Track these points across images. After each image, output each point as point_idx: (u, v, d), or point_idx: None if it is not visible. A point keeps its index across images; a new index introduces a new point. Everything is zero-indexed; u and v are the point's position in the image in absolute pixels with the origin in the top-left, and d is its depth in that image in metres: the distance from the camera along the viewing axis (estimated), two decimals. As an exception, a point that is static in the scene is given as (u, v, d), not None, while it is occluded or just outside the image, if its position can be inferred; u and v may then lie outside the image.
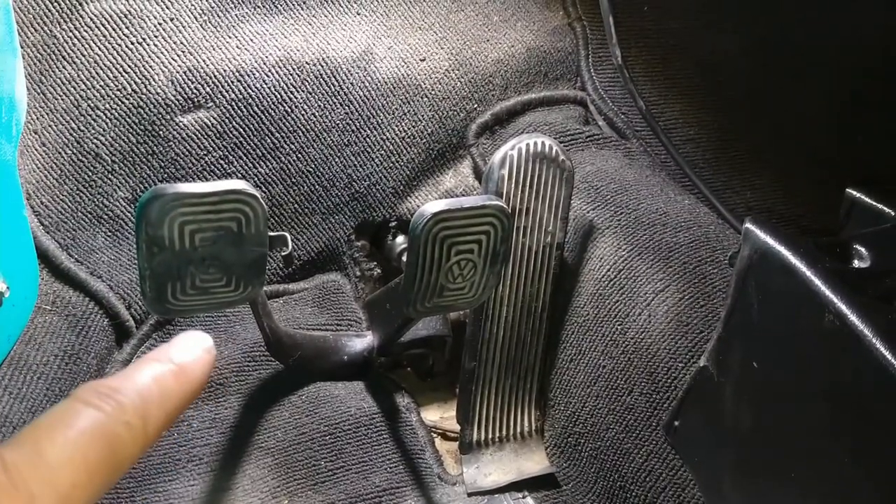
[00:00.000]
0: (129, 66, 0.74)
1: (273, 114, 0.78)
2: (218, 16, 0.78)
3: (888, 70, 0.93)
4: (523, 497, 0.73)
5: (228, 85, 0.77)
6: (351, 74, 0.82)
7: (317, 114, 0.80)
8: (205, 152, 0.77)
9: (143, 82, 0.74)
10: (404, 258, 0.81)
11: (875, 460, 0.46)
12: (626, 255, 0.71)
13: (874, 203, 0.75)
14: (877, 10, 0.93)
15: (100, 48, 0.73)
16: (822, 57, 0.96)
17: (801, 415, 0.51)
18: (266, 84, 0.78)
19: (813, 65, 0.96)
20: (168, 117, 0.75)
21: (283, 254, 0.57)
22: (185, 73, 0.75)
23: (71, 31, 0.72)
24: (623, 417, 0.67)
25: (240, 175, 0.78)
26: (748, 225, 0.54)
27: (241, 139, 0.78)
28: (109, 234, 0.74)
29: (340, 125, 0.81)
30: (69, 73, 0.72)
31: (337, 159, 0.81)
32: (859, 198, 0.76)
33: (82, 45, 0.73)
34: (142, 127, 0.74)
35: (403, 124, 0.84)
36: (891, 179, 0.82)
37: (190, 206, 0.49)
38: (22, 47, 0.70)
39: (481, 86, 0.88)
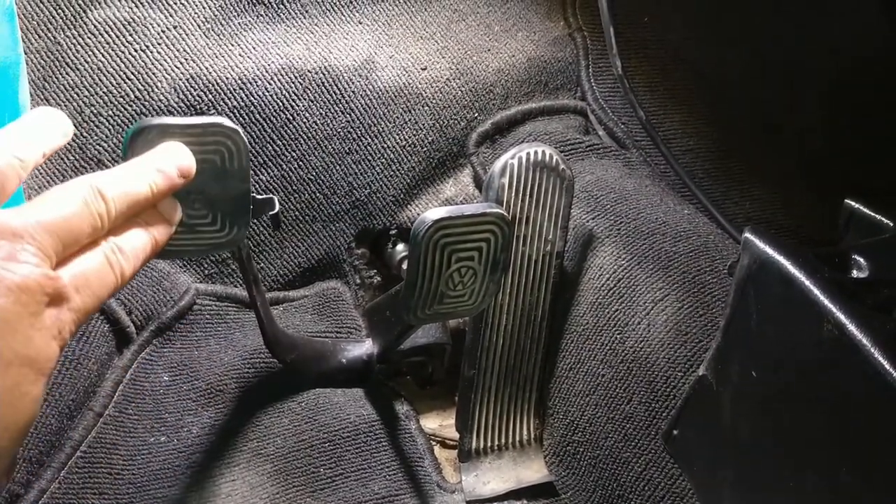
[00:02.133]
0: (133, 74, 0.74)
1: (275, 121, 0.79)
2: (221, 24, 0.78)
3: (886, 80, 0.94)
4: (522, 505, 0.73)
5: (231, 93, 0.77)
6: (352, 83, 0.82)
7: (318, 122, 0.81)
8: (207, 159, 0.77)
9: (145, 89, 0.75)
10: (404, 266, 0.81)
11: (874, 469, 0.46)
12: (625, 265, 0.71)
13: (872, 214, 0.75)
14: (873, 21, 0.94)
15: (103, 55, 0.74)
16: (820, 67, 0.96)
17: (799, 424, 0.51)
18: (268, 92, 0.79)
19: (811, 75, 0.96)
20: (170, 124, 0.75)
21: (270, 213, 0.57)
22: (187, 80, 0.76)
23: (75, 37, 0.73)
24: (622, 426, 0.67)
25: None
26: (747, 235, 0.54)
27: (243, 146, 0.78)
28: (111, 239, 0.74)
29: (342, 133, 0.82)
30: (72, 80, 0.73)
31: (338, 167, 0.82)
32: (858, 208, 0.76)
33: (86, 52, 0.73)
34: (144, 133, 0.75)
35: (404, 133, 0.85)
36: (889, 190, 0.83)
37: (174, 137, 0.50)
38: (26, 53, 0.71)
39: (482, 95, 0.89)
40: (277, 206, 0.57)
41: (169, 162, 0.48)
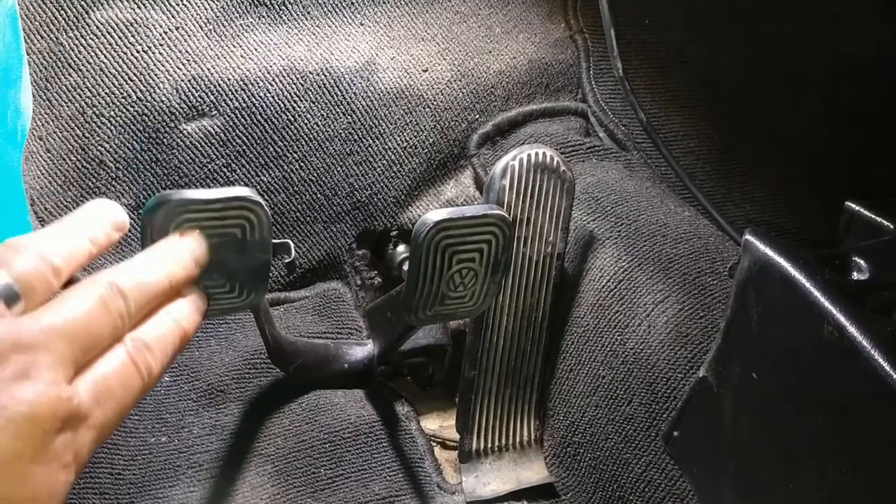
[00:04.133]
0: (135, 74, 0.74)
1: (276, 122, 0.79)
2: (223, 25, 0.78)
3: (887, 81, 0.94)
4: (522, 507, 0.73)
5: (232, 93, 0.77)
6: (354, 84, 0.82)
7: (319, 123, 0.81)
8: (208, 160, 0.77)
9: (147, 90, 0.75)
10: (405, 267, 0.81)
11: (873, 471, 0.46)
12: (626, 266, 0.72)
13: (873, 216, 0.75)
14: (871, 23, 0.94)
15: (105, 56, 0.74)
16: (821, 70, 0.97)
17: (799, 426, 0.51)
18: (270, 93, 0.79)
19: (811, 78, 0.97)
20: (172, 125, 0.76)
21: (285, 261, 0.57)
22: (189, 81, 0.76)
23: (77, 38, 0.73)
24: (622, 427, 0.67)
25: (242, 183, 0.78)
26: (748, 236, 0.54)
27: (245, 147, 0.78)
28: (112, 240, 0.74)
29: (343, 134, 0.82)
30: (75, 81, 0.73)
31: (339, 168, 0.82)
32: (858, 210, 0.76)
33: (88, 53, 0.73)
34: (146, 134, 0.75)
35: (405, 134, 0.85)
36: (890, 192, 0.83)
37: (194, 212, 0.49)
38: (28, 54, 0.71)
39: (483, 96, 0.89)
40: (294, 254, 0.56)
41: (184, 252, 0.45)
